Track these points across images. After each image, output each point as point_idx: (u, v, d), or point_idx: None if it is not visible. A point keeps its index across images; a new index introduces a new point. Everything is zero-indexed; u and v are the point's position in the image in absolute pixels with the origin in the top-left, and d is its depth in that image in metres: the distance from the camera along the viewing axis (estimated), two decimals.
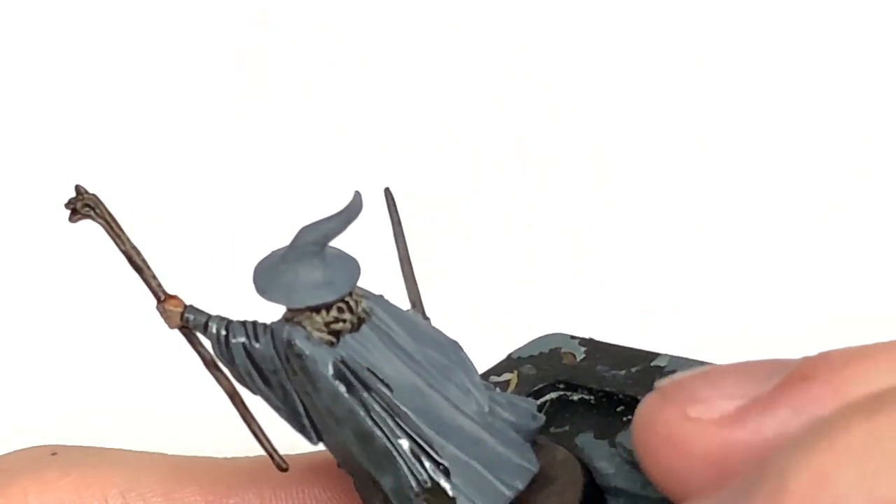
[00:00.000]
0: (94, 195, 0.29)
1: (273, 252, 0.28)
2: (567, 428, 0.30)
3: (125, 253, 0.29)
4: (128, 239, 0.29)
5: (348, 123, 0.61)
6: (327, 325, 0.27)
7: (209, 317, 0.29)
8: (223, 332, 0.28)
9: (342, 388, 0.27)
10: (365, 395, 0.27)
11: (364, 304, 0.27)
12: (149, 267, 0.29)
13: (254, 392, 0.29)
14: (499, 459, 0.28)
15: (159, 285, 0.29)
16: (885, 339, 0.26)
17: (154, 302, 0.29)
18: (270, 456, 0.29)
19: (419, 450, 0.27)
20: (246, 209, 0.58)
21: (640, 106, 0.60)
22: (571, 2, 0.62)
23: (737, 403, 0.25)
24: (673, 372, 0.29)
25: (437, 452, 0.27)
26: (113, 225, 0.30)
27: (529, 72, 0.62)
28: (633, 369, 0.30)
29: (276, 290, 0.27)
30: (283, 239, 0.30)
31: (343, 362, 0.27)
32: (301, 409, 0.28)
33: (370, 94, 0.61)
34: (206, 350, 0.29)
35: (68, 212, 0.29)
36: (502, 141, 0.60)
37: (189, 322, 0.29)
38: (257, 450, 0.32)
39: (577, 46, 0.62)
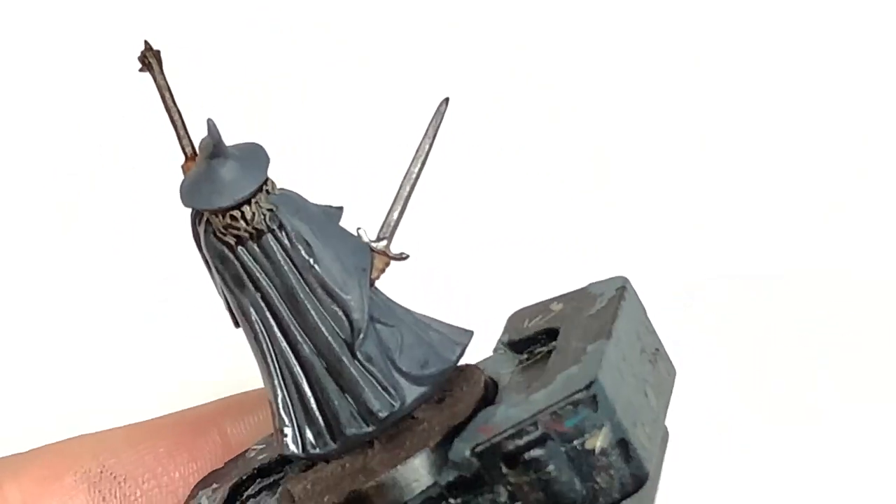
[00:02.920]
0: (158, 51, 0.32)
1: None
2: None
3: (166, 108, 0.32)
4: (171, 97, 0.32)
5: (348, 123, 0.61)
6: (226, 227, 0.30)
7: None
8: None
9: (231, 285, 0.30)
10: (257, 295, 0.30)
11: (268, 217, 0.30)
12: (184, 126, 0.32)
13: (211, 277, 0.31)
14: (349, 387, 0.30)
15: (189, 144, 0.32)
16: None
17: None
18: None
19: (283, 362, 0.30)
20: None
21: (640, 106, 0.60)
22: (571, 2, 0.62)
23: None
24: None
25: (295, 367, 0.30)
26: (160, 80, 0.32)
27: (529, 72, 0.62)
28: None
29: (184, 194, 0.30)
30: None
31: (239, 261, 0.30)
32: (223, 297, 0.31)
33: (370, 94, 0.61)
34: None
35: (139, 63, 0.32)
36: (502, 141, 0.60)
37: None
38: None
39: (576, 46, 0.62)
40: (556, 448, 0.27)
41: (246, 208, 0.29)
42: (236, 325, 0.31)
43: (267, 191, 0.30)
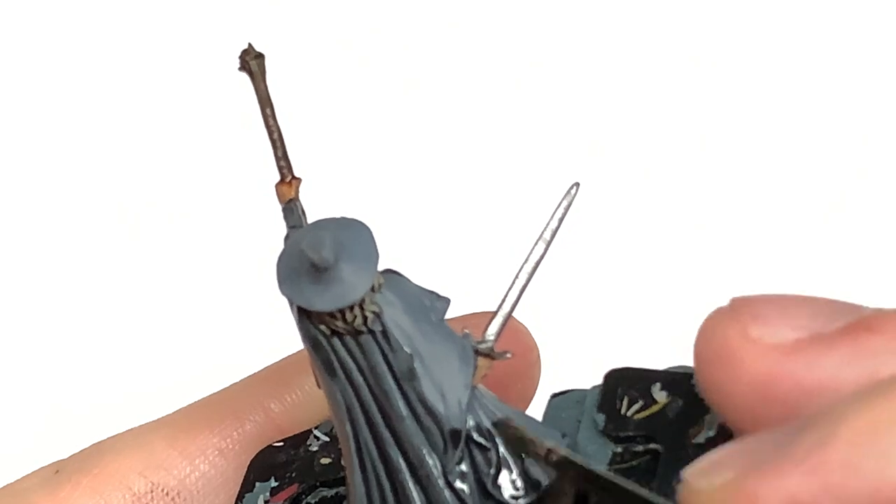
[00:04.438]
0: (261, 55, 0.30)
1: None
2: None
3: (266, 124, 0.30)
4: (272, 112, 0.30)
5: (350, 121, 0.61)
6: (321, 320, 0.27)
7: (297, 223, 0.29)
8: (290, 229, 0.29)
9: (322, 369, 0.28)
10: (347, 386, 0.28)
11: (370, 320, 0.27)
12: (284, 146, 0.29)
13: None
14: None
15: (285, 166, 0.29)
16: None
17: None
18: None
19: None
20: (246, 208, 0.58)
21: (641, 106, 0.61)
22: (572, 2, 0.62)
23: (797, 335, 0.25)
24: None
25: (379, 464, 0.28)
26: (264, 90, 0.30)
27: (528, 72, 0.62)
28: None
29: (282, 278, 0.27)
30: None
31: (333, 350, 0.28)
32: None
33: (370, 94, 0.61)
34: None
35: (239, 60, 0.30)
36: (501, 140, 0.61)
37: (284, 212, 0.29)
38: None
39: (577, 47, 0.62)
40: None
41: (347, 311, 0.27)
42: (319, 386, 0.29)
43: (372, 288, 0.27)
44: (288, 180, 0.29)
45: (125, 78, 0.62)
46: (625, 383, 0.30)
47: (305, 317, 0.27)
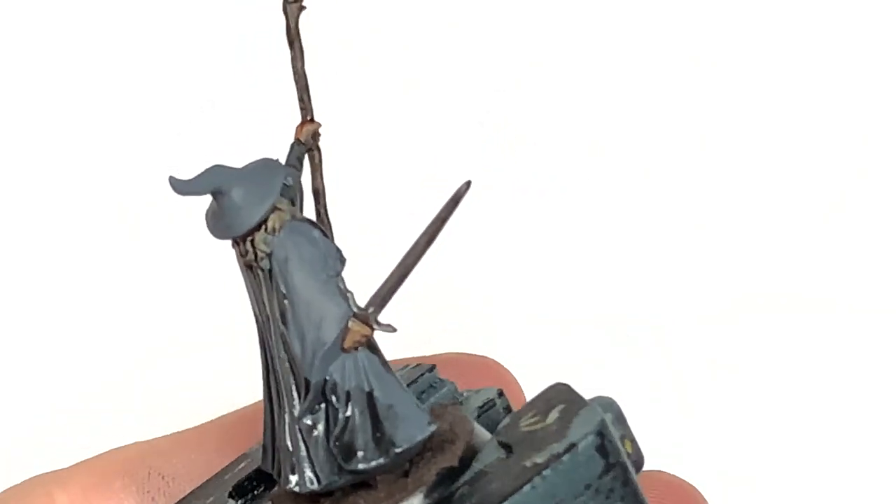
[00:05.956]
0: (305, 7, 0.33)
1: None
2: None
3: (294, 68, 0.33)
4: (300, 50, 0.33)
5: (350, 121, 0.61)
6: (237, 253, 0.30)
7: (294, 167, 0.32)
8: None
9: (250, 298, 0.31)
10: (256, 314, 0.31)
11: (260, 256, 0.30)
12: (307, 91, 0.33)
13: None
14: (287, 441, 0.30)
15: (305, 108, 0.33)
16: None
17: None
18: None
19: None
20: None
21: (641, 106, 0.61)
22: (572, 2, 0.62)
23: None
24: None
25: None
26: (296, 36, 0.33)
27: (528, 72, 0.62)
28: None
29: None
30: None
31: (245, 278, 0.30)
32: None
33: (370, 94, 0.61)
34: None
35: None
36: (501, 140, 0.61)
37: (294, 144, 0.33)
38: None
39: (577, 47, 0.62)
40: None
41: (243, 244, 0.30)
42: None
43: (273, 229, 0.30)
44: (301, 121, 0.32)
45: (125, 78, 0.62)
46: (542, 401, 0.31)
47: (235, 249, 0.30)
